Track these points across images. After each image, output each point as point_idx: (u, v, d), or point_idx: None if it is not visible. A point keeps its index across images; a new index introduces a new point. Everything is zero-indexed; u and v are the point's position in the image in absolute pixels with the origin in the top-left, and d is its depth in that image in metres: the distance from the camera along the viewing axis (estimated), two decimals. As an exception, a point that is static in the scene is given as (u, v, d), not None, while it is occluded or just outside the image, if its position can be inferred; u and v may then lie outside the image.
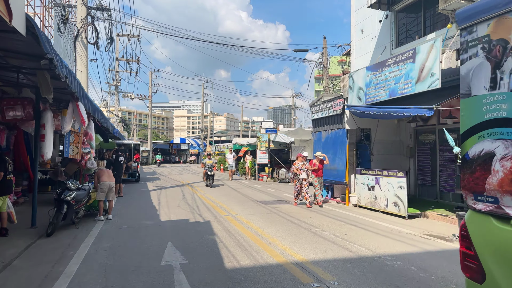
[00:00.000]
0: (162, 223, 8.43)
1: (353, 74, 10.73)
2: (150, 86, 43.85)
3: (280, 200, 12.52)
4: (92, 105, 9.62)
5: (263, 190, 15.91)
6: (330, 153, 12.04)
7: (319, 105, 12.58)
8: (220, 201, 12.01)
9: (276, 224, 8.33)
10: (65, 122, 7.54)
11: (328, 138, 12.15)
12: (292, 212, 10.06)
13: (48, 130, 7.59)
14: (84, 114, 7.75)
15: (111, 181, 9.02)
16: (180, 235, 7.15)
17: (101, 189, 8.82)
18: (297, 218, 9.06)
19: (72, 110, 7.70)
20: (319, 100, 12.65)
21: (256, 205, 11.16)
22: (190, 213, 9.79)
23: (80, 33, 11.33)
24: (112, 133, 18.31)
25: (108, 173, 9.16)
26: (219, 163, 33.01)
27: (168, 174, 27.25)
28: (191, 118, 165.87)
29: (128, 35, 32.75)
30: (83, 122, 7.62)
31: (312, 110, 13.04)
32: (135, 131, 56.08)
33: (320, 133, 12.73)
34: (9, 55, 6.26)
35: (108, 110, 34.77)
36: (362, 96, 10.20)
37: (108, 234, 7.25)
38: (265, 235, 7.15)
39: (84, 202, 8.24)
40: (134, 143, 21.83)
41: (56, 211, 7.25)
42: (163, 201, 12.00)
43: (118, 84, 33.55)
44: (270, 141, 20.74)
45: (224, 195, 13.95)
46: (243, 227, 7.93)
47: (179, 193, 14.36)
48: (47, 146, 7.51)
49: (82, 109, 7.70)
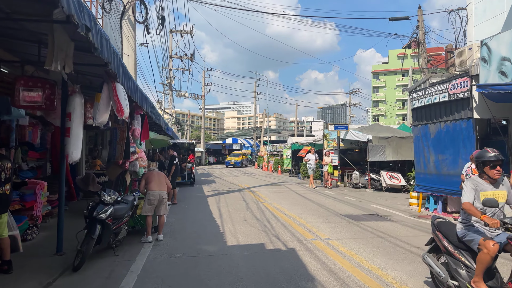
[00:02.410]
0: (229, 249, 6.06)
1: (488, 40, 7.55)
2: (203, 85, 42.74)
3: (371, 214, 9.63)
4: (139, 94, 7.59)
5: (340, 198, 13.07)
6: (445, 153, 8.96)
7: (425, 89, 9.50)
8: (295, 214, 9.44)
9: (399, 258, 5.56)
10: (98, 111, 5.44)
11: (442, 133, 9.04)
12: (403, 235, 7.18)
13: (75, 121, 5.54)
14: (123, 100, 5.61)
15: (162, 190, 6.86)
16: (260, 276, 4.69)
17: (148, 201, 6.69)
18: (420, 248, 6.20)
19: (108, 94, 5.59)
20: (424, 83, 9.59)
21: (346, 223, 8.43)
22: (263, 232, 7.34)
23: (127, 10, 9.50)
24: (166, 131, 16.68)
25: (159, 178, 7.01)
26: (276, 164, 30.56)
27: (223, 176, 25.33)
28: (241, 119, 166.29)
29: (181, 31, 31.60)
30: (121, 111, 5.47)
31: (413, 96, 9.99)
32: (189, 131, 55.71)
33: (426, 126, 9.65)
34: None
35: (163, 110, 33.93)
36: (509, 70, 7.04)
37: (156, 269, 5.00)
38: (398, 286, 4.44)
39: (126, 219, 6.12)
40: (188, 142, 20.09)
41: (86, 235, 5.16)
42: (225, 212, 9.72)
43: (172, 83, 32.51)
44: (340, 140, 17.77)
45: (296, 204, 11.37)
46: (351, 264, 5.26)
47: (241, 201, 12.05)
48: (74, 143, 5.46)
49: (120, 94, 5.57)
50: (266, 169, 33.68)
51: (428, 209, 9.89)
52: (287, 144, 29.00)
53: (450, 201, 9.30)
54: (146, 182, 6.98)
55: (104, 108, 5.59)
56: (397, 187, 16.25)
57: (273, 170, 31.14)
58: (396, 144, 15.78)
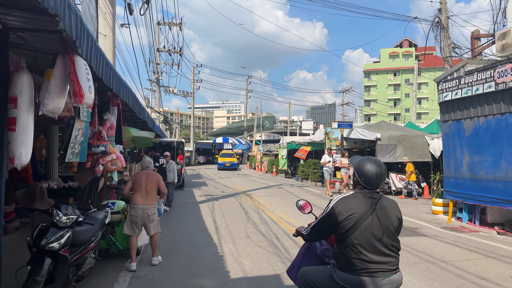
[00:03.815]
0: (234, 285, 4.47)
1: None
2: (192, 82, 40.92)
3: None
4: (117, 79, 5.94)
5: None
6: (483, 154, 7.54)
7: (459, 78, 8.06)
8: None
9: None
10: (48, 93, 3.77)
11: (480, 130, 7.61)
12: (453, 258, 5.70)
13: (23, 109, 3.85)
14: (84, 81, 3.97)
15: (148, 204, 5.26)
16: None
17: (130, 217, 5.15)
18: (488, 280, 4.71)
19: (64, 70, 3.94)
20: (457, 71, 8.15)
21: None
22: (274, 255, 5.76)
23: (103, -21, 7.81)
24: (152, 129, 14.96)
25: (147, 183, 5.39)
26: (270, 165, 29.03)
27: (215, 177, 23.65)
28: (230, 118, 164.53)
29: (169, 23, 29.79)
30: (79, 95, 3.83)
31: (442, 87, 8.54)
32: (177, 130, 53.77)
33: (459, 122, 8.21)
34: None
35: (150, 106, 32.04)
36: None
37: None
38: None
39: (93, 244, 4.46)
40: (177, 141, 18.40)
41: (29, 275, 3.51)
42: (221, 225, 8.11)
43: (160, 78, 30.64)
44: (343, 138, 16.30)
45: (302, 213, 9.82)
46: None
47: (239, 208, 10.44)
48: (22, 140, 3.77)
49: (81, 71, 3.93)
50: (260, 169, 32.13)
51: (460, 219, 8.47)
52: (282, 143, 27.48)
53: (490, 210, 7.89)
54: (133, 187, 5.41)
55: (57, 90, 3.91)
56: (408, 191, 14.90)
57: (267, 170, 29.63)
58: (408, 143, 14.40)
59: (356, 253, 2.23)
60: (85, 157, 5.06)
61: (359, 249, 2.22)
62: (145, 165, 5.80)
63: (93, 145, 4.86)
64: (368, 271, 2.20)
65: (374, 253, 2.22)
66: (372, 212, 2.28)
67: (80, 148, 4.95)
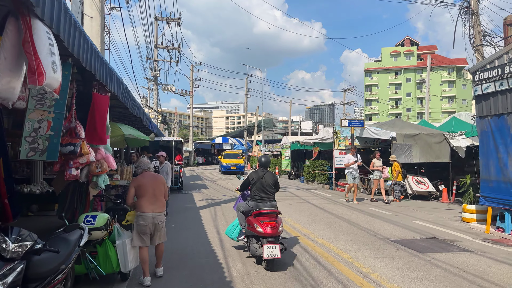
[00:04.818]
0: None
1: None
2: (191, 80, 39.79)
3: (429, 237, 7.01)
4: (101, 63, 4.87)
5: (366, 210, 10.48)
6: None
7: (501, 67, 6.96)
8: (326, 240, 6.79)
9: None
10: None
11: (531, 126, 6.52)
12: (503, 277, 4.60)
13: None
14: (46, 55, 2.87)
15: (157, 211, 4.55)
16: None
17: (138, 227, 4.44)
18: None
19: (18, 38, 2.85)
20: (498, 59, 7.05)
21: (409, 256, 5.80)
22: (294, 280, 4.64)
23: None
24: (148, 127, 13.83)
25: (154, 187, 4.64)
26: (273, 166, 27.91)
27: (215, 179, 22.52)
28: (229, 118, 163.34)
29: (167, 19, 28.64)
30: (38, 73, 2.73)
31: (480, 78, 7.44)
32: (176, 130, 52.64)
33: (501, 118, 7.10)
34: None
35: (148, 105, 30.91)
36: None
37: None
38: None
39: (61, 276, 3.33)
40: (175, 140, 17.29)
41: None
42: (226, 238, 6.95)
43: (158, 75, 29.48)
44: (354, 138, 15.18)
45: (318, 222, 8.70)
46: None
47: (244, 216, 9.31)
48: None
49: (40, 41, 2.85)
50: (261, 170, 30.92)
51: (501, 229, 7.37)
52: (285, 143, 26.37)
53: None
54: (136, 192, 4.57)
55: (6, 67, 2.80)
56: (424, 194, 13.80)
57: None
58: (425, 143, 13.31)
59: (256, 193, 5.51)
60: (57, 156, 3.95)
61: (257, 192, 5.50)
62: (145, 166, 4.86)
63: (61, 144, 3.73)
64: (261, 200, 5.48)
65: (262, 193, 5.48)
66: (262, 177, 5.55)
67: (47, 144, 3.84)
